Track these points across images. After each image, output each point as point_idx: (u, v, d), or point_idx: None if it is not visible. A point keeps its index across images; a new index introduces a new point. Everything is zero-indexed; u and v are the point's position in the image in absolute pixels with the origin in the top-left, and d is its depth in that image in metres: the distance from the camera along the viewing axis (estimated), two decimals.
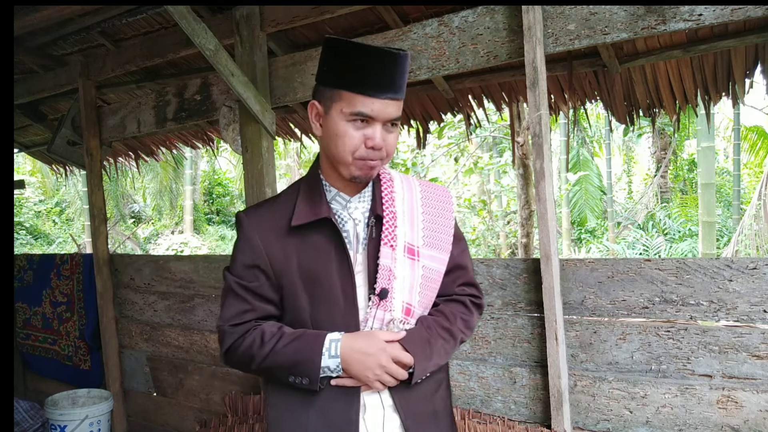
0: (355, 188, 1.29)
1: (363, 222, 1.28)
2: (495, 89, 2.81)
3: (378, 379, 1.21)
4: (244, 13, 2.58)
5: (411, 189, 1.34)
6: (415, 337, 1.25)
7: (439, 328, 1.29)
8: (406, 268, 1.26)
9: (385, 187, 1.31)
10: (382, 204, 1.28)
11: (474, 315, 1.38)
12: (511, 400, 2.11)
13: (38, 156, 5.14)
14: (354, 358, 1.19)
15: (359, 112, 1.16)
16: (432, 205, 1.34)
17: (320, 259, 1.24)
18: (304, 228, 1.24)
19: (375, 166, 1.21)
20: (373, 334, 1.22)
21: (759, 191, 6.46)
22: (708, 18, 1.72)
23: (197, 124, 3.55)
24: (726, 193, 12.98)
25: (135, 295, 3.39)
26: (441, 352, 1.28)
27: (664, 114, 2.63)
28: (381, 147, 1.18)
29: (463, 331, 1.33)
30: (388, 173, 1.35)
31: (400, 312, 1.24)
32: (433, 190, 1.37)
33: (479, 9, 2.10)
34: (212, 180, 19.11)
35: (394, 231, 1.26)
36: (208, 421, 2.59)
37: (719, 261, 1.77)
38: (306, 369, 1.19)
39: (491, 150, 10.37)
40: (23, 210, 14.76)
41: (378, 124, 1.18)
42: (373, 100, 1.16)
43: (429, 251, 1.30)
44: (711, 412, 1.78)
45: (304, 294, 1.24)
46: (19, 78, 3.62)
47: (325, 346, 1.19)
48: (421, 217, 1.31)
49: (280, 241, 1.25)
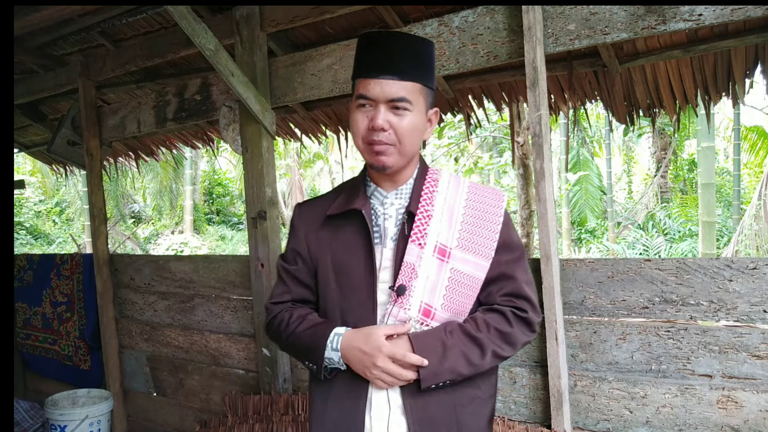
0: (391, 183, 1.30)
1: (395, 218, 1.28)
2: (495, 89, 2.81)
3: (377, 378, 1.20)
4: (244, 13, 2.58)
5: (457, 189, 1.30)
6: (428, 338, 1.20)
7: (461, 334, 1.21)
8: (432, 268, 1.23)
9: (428, 185, 1.29)
10: (419, 201, 1.27)
11: (515, 328, 1.25)
12: (511, 400, 2.11)
13: (38, 156, 5.14)
14: (352, 354, 1.21)
15: (360, 95, 1.21)
16: (477, 207, 1.29)
17: (349, 251, 1.28)
18: (339, 219, 1.30)
19: (382, 151, 1.20)
20: (373, 330, 1.21)
21: (759, 191, 6.46)
22: (708, 18, 1.72)
23: (197, 124, 3.55)
24: (726, 193, 12.98)
25: (135, 295, 3.39)
26: (460, 360, 1.20)
27: (664, 114, 2.63)
28: (380, 126, 1.18)
29: (496, 343, 1.22)
30: (436, 172, 1.34)
31: (416, 312, 1.21)
32: (483, 194, 1.32)
33: (479, 9, 2.10)
34: (212, 180, 19.12)
35: (425, 229, 1.24)
36: (208, 421, 2.60)
37: (719, 261, 1.77)
38: (313, 357, 1.25)
39: (491, 150, 10.37)
40: (23, 210, 14.76)
41: (381, 105, 1.19)
42: (371, 81, 1.19)
43: (462, 254, 1.25)
44: (711, 412, 1.78)
45: (334, 284, 1.29)
46: (19, 78, 3.62)
47: (329, 338, 1.23)
48: (460, 218, 1.27)
49: (318, 231, 1.32)
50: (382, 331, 1.20)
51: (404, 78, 1.19)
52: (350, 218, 1.28)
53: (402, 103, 1.19)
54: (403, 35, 1.24)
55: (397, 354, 1.18)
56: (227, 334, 2.95)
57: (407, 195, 1.30)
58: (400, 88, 1.19)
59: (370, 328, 1.22)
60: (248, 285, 2.79)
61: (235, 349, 2.92)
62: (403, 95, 1.19)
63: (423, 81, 1.22)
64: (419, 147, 1.29)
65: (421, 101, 1.23)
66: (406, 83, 1.19)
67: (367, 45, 1.24)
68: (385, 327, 1.21)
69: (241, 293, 2.88)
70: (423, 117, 1.24)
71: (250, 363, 2.87)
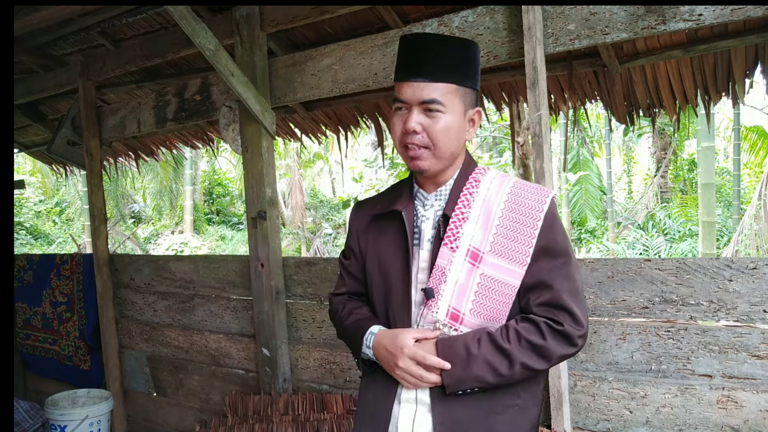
0: (432, 185, 1.30)
1: (432, 220, 1.29)
2: (495, 89, 2.81)
3: (401, 377, 1.23)
4: (244, 13, 2.58)
5: (499, 191, 1.25)
6: (454, 343, 1.19)
7: (489, 344, 1.18)
8: (463, 272, 1.20)
9: (468, 187, 1.26)
10: (456, 204, 1.25)
11: (549, 341, 1.16)
12: None
13: (38, 156, 5.14)
14: (380, 354, 1.26)
15: (395, 98, 1.23)
16: (516, 210, 1.22)
17: (390, 251, 1.31)
18: (384, 219, 1.33)
19: (418, 156, 1.21)
20: (401, 333, 1.23)
21: (759, 191, 6.46)
22: (708, 18, 1.72)
23: (197, 124, 3.55)
24: (726, 193, 12.97)
25: (135, 295, 3.39)
26: (485, 369, 1.17)
27: (664, 114, 2.63)
28: (411, 129, 1.19)
29: (527, 355, 1.16)
30: (482, 171, 1.30)
31: (444, 315, 1.20)
32: (525, 194, 1.24)
33: (479, 9, 2.10)
34: (212, 180, 19.12)
35: (458, 232, 1.22)
36: (208, 421, 2.59)
37: (719, 261, 1.77)
38: (354, 350, 1.35)
39: (491, 150, 10.37)
40: (23, 210, 14.76)
41: (414, 108, 1.20)
42: (404, 85, 1.21)
43: (494, 259, 1.20)
44: (711, 412, 1.78)
45: (378, 281, 1.33)
46: (19, 78, 3.62)
47: (365, 336, 1.30)
48: (496, 222, 1.22)
49: (367, 230, 1.38)
50: (410, 333, 1.22)
51: (436, 79, 1.19)
52: (393, 219, 1.31)
53: (434, 104, 1.19)
54: (438, 37, 1.24)
55: (417, 355, 1.19)
56: (227, 334, 2.95)
57: (446, 197, 1.29)
58: (432, 90, 1.19)
59: (399, 330, 1.24)
60: (248, 285, 2.79)
61: (235, 349, 2.92)
62: (435, 97, 1.18)
63: (458, 81, 1.21)
64: (459, 148, 1.27)
65: (456, 102, 1.21)
66: (438, 84, 1.19)
67: (402, 48, 1.25)
68: (415, 330, 1.23)
69: (241, 293, 2.88)
70: (460, 118, 1.23)
71: (250, 363, 2.87)
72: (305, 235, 14.75)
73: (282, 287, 2.67)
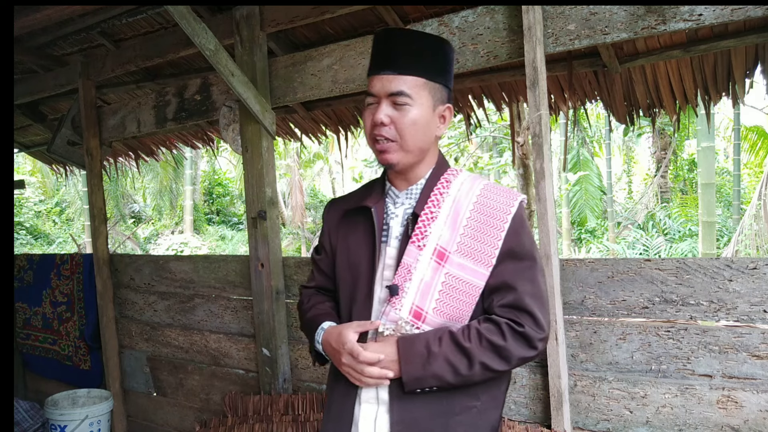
0: (403, 183, 1.31)
1: (401, 218, 1.29)
2: (495, 89, 2.81)
3: (347, 374, 1.24)
4: (244, 13, 2.58)
5: (469, 192, 1.26)
6: (415, 341, 1.19)
7: (450, 342, 1.18)
8: (428, 270, 1.21)
9: (439, 187, 1.27)
10: (425, 203, 1.26)
11: (509, 342, 1.17)
12: (511, 400, 2.11)
13: (38, 156, 5.14)
14: (327, 350, 1.30)
15: (366, 92, 1.25)
16: (484, 212, 1.23)
17: (359, 247, 1.32)
18: (355, 215, 1.35)
19: (386, 149, 1.23)
20: (344, 328, 1.25)
21: (759, 191, 6.45)
22: (708, 18, 1.72)
23: (197, 124, 3.55)
24: (726, 193, 12.98)
25: (135, 295, 3.39)
26: (444, 368, 1.17)
27: (664, 114, 2.63)
28: (380, 120, 1.21)
29: (487, 355, 1.17)
30: (454, 172, 1.31)
31: (407, 313, 1.20)
32: (495, 198, 1.25)
33: (479, 9, 2.10)
34: (212, 180, 19.13)
35: (426, 231, 1.22)
36: (208, 421, 2.59)
37: (719, 261, 1.77)
38: (310, 343, 1.37)
39: (491, 150, 10.38)
40: (23, 210, 14.76)
41: (383, 101, 1.22)
42: (375, 78, 1.23)
43: (460, 259, 1.21)
44: (711, 412, 1.78)
45: (346, 276, 1.35)
46: (19, 78, 3.62)
47: (317, 332, 1.33)
48: (464, 222, 1.23)
49: (338, 226, 1.40)
50: (351, 328, 1.23)
51: (403, 72, 1.21)
52: (363, 215, 1.32)
53: (401, 97, 1.20)
54: (408, 32, 1.25)
55: (353, 351, 1.20)
56: (227, 334, 2.95)
57: (416, 195, 1.30)
58: (400, 83, 1.20)
59: (344, 326, 1.26)
60: (248, 285, 2.79)
61: (235, 349, 2.92)
62: (402, 89, 1.20)
63: (427, 76, 1.22)
64: (428, 143, 1.27)
65: (424, 96, 1.22)
66: (406, 77, 1.20)
67: (374, 44, 1.28)
68: (356, 324, 1.24)
69: (241, 293, 2.88)
70: (428, 112, 1.23)
71: (250, 363, 2.87)
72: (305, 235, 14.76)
73: (282, 287, 2.67)
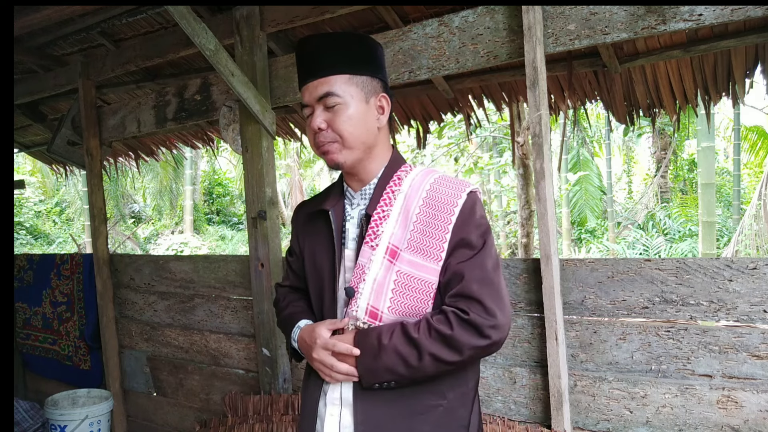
0: (358, 183, 1.31)
1: (357, 219, 1.30)
2: (495, 89, 2.81)
3: (318, 369, 1.26)
4: (244, 13, 2.58)
5: (419, 187, 1.24)
6: (368, 334, 1.20)
7: (400, 334, 1.17)
8: (381, 270, 1.20)
9: (391, 185, 1.27)
10: (378, 202, 1.26)
11: (456, 331, 1.13)
12: (511, 400, 2.11)
13: (38, 156, 5.14)
14: (302, 346, 1.32)
15: (302, 104, 1.27)
16: (432, 206, 1.21)
17: (320, 251, 1.34)
18: (316, 219, 1.36)
19: (329, 150, 1.24)
20: (318, 325, 1.27)
21: (759, 191, 6.45)
22: (708, 18, 1.72)
23: (197, 124, 3.55)
24: (726, 193, 12.98)
25: (135, 295, 3.39)
26: (395, 359, 1.16)
27: (664, 114, 2.63)
28: (317, 127, 1.22)
29: (436, 346, 1.14)
30: (406, 169, 1.30)
31: (363, 314, 1.20)
32: (443, 190, 1.23)
33: (479, 9, 2.10)
34: (212, 180, 19.12)
35: (378, 231, 1.22)
36: (208, 421, 2.59)
37: (719, 261, 1.77)
38: (287, 340, 1.40)
39: (491, 150, 10.37)
40: (23, 210, 14.76)
41: (316, 108, 1.24)
42: (303, 90, 1.26)
43: (410, 256, 1.20)
44: (711, 412, 1.78)
45: (312, 279, 1.36)
46: (19, 78, 3.62)
47: (293, 330, 1.36)
48: (414, 218, 1.22)
49: (304, 229, 1.41)
50: (324, 326, 1.26)
51: (326, 74, 1.22)
52: (323, 218, 1.34)
53: (330, 98, 1.21)
54: (321, 35, 1.27)
55: (328, 344, 1.22)
56: (227, 334, 2.95)
57: (370, 195, 1.29)
58: (325, 85, 1.22)
59: (317, 323, 1.29)
60: (248, 285, 2.79)
61: (235, 349, 2.92)
62: (327, 90, 1.21)
63: (350, 71, 1.23)
64: (370, 136, 1.25)
65: (353, 90, 1.22)
66: (329, 78, 1.22)
67: (296, 58, 1.30)
68: (329, 322, 1.26)
69: (241, 293, 2.88)
70: (361, 105, 1.23)
71: (250, 363, 2.87)
72: None
73: None
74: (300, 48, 1.27)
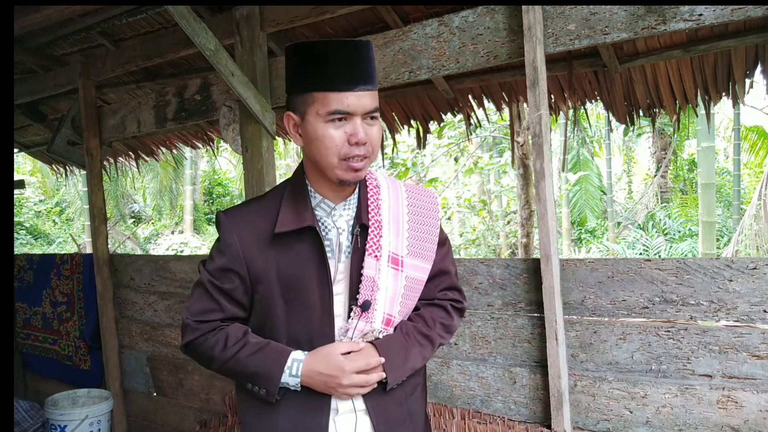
0: (341, 195, 1.25)
1: (347, 231, 1.26)
2: (495, 89, 2.81)
3: (345, 393, 1.20)
4: (244, 13, 2.58)
5: (397, 195, 1.30)
6: (391, 343, 1.25)
7: (417, 334, 1.29)
8: (390, 278, 1.24)
9: (372, 194, 1.27)
10: (369, 212, 1.25)
11: (454, 319, 1.37)
12: (511, 400, 2.11)
13: (38, 156, 5.15)
14: (316, 380, 1.20)
15: (336, 110, 1.13)
16: (418, 212, 1.31)
17: (301, 267, 1.22)
18: (287, 235, 1.21)
19: (361, 167, 1.17)
20: (330, 351, 1.20)
21: (759, 191, 6.45)
22: (708, 18, 1.72)
23: (197, 124, 3.55)
24: (726, 193, 12.97)
25: (135, 295, 3.39)
26: (417, 358, 1.28)
27: (664, 114, 2.63)
28: (365, 141, 1.15)
29: (441, 335, 1.33)
30: (375, 179, 1.31)
31: (380, 323, 1.24)
32: (419, 196, 1.34)
33: (479, 9, 2.10)
34: (212, 180, 19.11)
35: (379, 241, 1.24)
36: (208, 421, 2.59)
37: (719, 261, 1.77)
38: (265, 382, 1.20)
39: (491, 150, 10.37)
40: (23, 210, 14.76)
41: (357, 118, 1.14)
42: (346, 95, 1.13)
43: (413, 261, 1.28)
44: (711, 412, 1.78)
45: (280, 300, 1.22)
46: (19, 78, 3.62)
47: (287, 364, 1.19)
48: (406, 226, 1.28)
49: (261, 247, 1.22)
50: (338, 350, 1.20)
51: (373, 87, 1.17)
52: (300, 233, 1.21)
53: (376, 113, 1.18)
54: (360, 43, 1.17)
55: (360, 367, 1.19)
56: None
57: (354, 206, 1.27)
58: (373, 98, 1.16)
59: (327, 350, 1.20)
60: None
61: None
62: (377, 105, 1.18)
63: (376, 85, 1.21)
64: None
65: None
66: (375, 92, 1.18)
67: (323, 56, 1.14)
68: (341, 345, 1.21)
69: None
70: None
71: None
72: None
73: None
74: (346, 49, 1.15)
